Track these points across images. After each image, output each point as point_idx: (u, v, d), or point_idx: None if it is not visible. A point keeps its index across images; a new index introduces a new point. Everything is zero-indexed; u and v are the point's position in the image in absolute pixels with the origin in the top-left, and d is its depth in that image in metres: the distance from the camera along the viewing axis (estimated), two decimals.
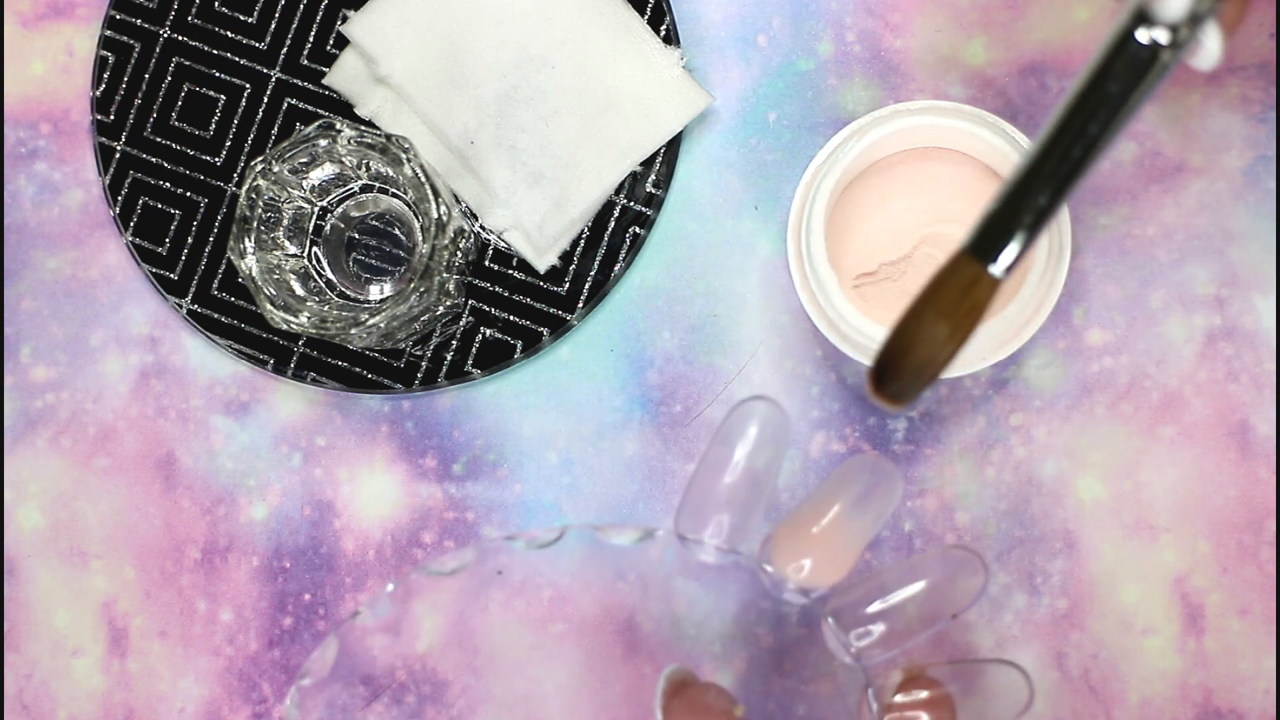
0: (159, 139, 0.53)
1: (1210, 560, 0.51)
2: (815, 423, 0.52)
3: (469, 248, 0.52)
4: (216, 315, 0.53)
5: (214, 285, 0.53)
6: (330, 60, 0.53)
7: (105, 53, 0.54)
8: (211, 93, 0.54)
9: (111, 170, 0.53)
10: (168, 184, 0.53)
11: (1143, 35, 0.32)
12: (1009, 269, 0.35)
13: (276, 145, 0.50)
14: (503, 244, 0.53)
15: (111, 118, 0.54)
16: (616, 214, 0.52)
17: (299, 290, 0.50)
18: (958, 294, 0.35)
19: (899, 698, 0.46)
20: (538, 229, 0.52)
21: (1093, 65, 0.33)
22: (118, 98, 0.54)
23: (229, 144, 0.53)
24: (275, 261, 0.49)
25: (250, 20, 0.54)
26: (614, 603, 0.49)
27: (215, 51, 0.54)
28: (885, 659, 0.47)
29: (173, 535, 0.53)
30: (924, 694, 0.45)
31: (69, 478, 0.54)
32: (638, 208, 0.52)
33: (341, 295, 0.52)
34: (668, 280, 0.53)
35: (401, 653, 0.50)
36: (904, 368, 0.36)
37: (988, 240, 0.35)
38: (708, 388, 0.53)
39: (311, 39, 0.53)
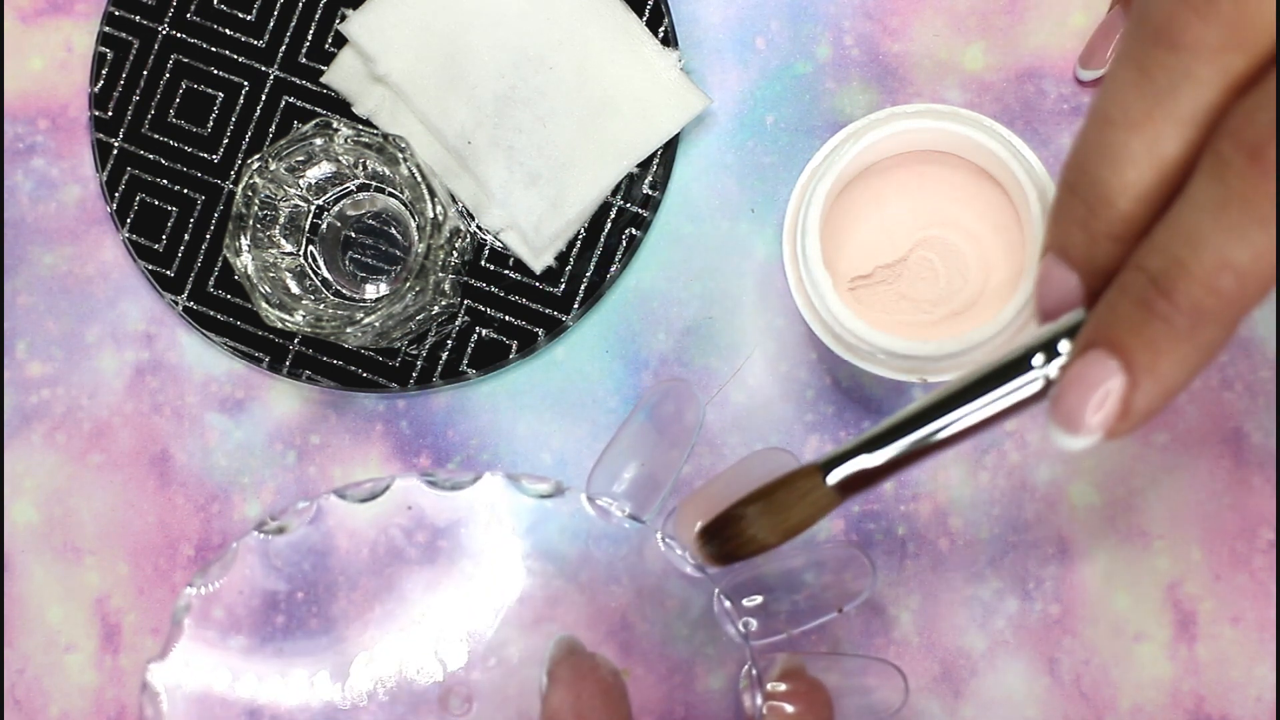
0: (156, 136, 0.53)
1: (1203, 567, 0.51)
2: (810, 426, 0.52)
3: (465, 247, 0.52)
4: (212, 312, 0.53)
5: (210, 282, 0.53)
6: (328, 59, 0.53)
7: (104, 49, 0.54)
8: (209, 90, 0.54)
9: (109, 166, 0.53)
10: (165, 181, 0.53)
11: (1038, 360, 0.33)
12: (846, 489, 0.36)
13: (274, 143, 0.50)
14: (499, 244, 0.53)
15: (109, 114, 0.54)
16: (613, 215, 0.52)
17: (294, 288, 0.50)
18: (798, 504, 0.37)
19: (777, 686, 0.47)
20: (534, 229, 0.52)
21: (989, 367, 0.34)
22: (116, 94, 0.54)
23: (226, 141, 0.53)
24: (271, 259, 0.49)
25: (249, 18, 0.54)
26: (607, 604, 0.50)
27: (213, 49, 0.54)
28: (772, 642, 0.48)
29: (166, 532, 0.54)
30: (802, 686, 0.47)
31: (63, 473, 0.54)
32: (634, 209, 0.52)
33: (337, 294, 0.52)
34: (663, 282, 0.53)
35: (395, 651, 0.50)
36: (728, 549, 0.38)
37: (839, 462, 0.36)
38: (703, 390, 0.53)
39: (310, 37, 0.53)
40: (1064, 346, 0.32)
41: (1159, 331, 0.30)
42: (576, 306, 0.52)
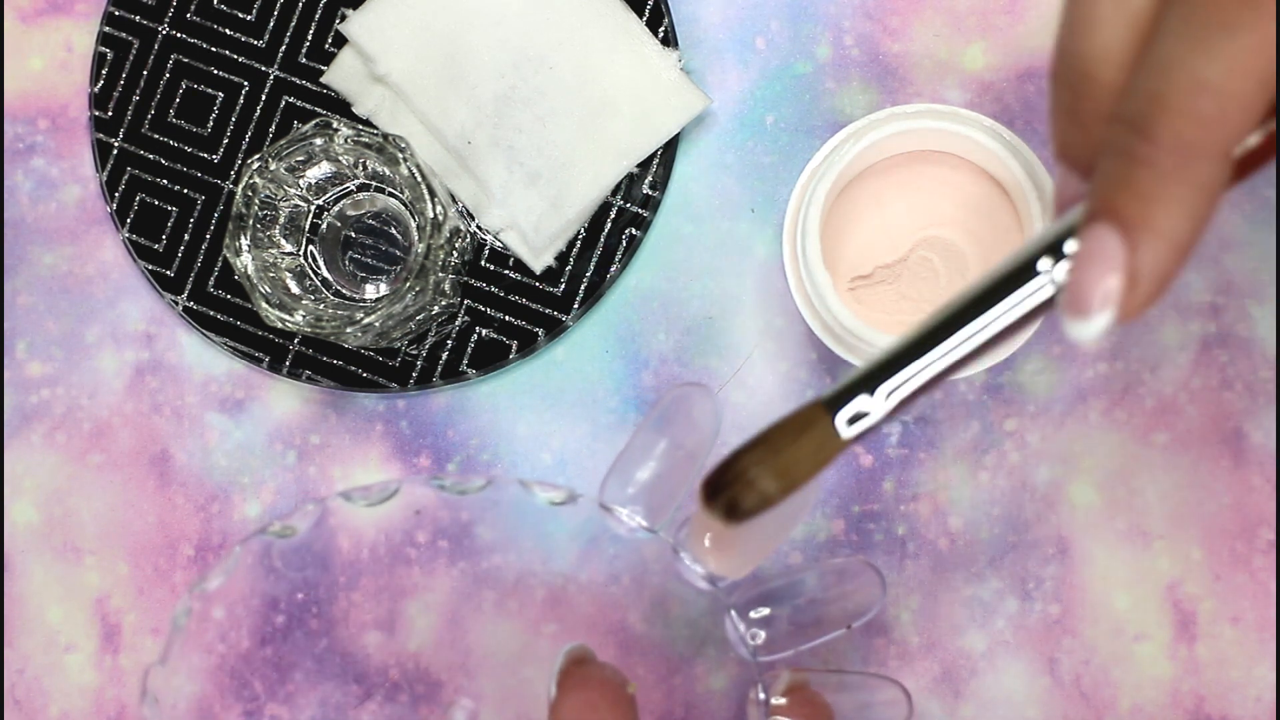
0: (156, 136, 0.53)
1: (1203, 567, 0.51)
2: None
3: (465, 247, 0.52)
4: (212, 312, 0.53)
5: (210, 282, 0.53)
6: (328, 59, 0.53)
7: (104, 49, 0.54)
8: (209, 90, 0.54)
9: (109, 166, 0.53)
10: (165, 181, 0.53)
11: (1044, 265, 0.30)
12: (857, 433, 0.32)
13: (274, 143, 0.50)
14: (499, 244, 0.53)
15: (109, 114, 0.54)
16: (613, 215, 0.52)
17: (294, 288, 0.50)
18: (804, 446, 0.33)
19: (779, 702, 0.47)
20: (534, 229, 0.52)
21: (990, 278, 0.31)
22: (116, 94, 0.54)
23: (226, 141, 0.53)
24: (271, 259, 0.49)
25: (249, 18, 0.54)
26: (607, 604, 0.50)
27: (213, 49, 0.54)
28: (779, 658, 0.47)
29: (166, 532, 0.54)
30: (804, 702, 0.46)
31: (63, 473, 0.54)
32: (634, 209, 0.52)
33: (337, 294, 0.52)
34: (663, 282, 0.53)
35: (395, 652, 0.50)
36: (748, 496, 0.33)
37: (844, 397, 0.32)
38: None
39: (310, 37, 0.53)
40: (1070, 247, 0.29)
41: (1145, 179, 0.27)
42: (576, 306, 0.52)
